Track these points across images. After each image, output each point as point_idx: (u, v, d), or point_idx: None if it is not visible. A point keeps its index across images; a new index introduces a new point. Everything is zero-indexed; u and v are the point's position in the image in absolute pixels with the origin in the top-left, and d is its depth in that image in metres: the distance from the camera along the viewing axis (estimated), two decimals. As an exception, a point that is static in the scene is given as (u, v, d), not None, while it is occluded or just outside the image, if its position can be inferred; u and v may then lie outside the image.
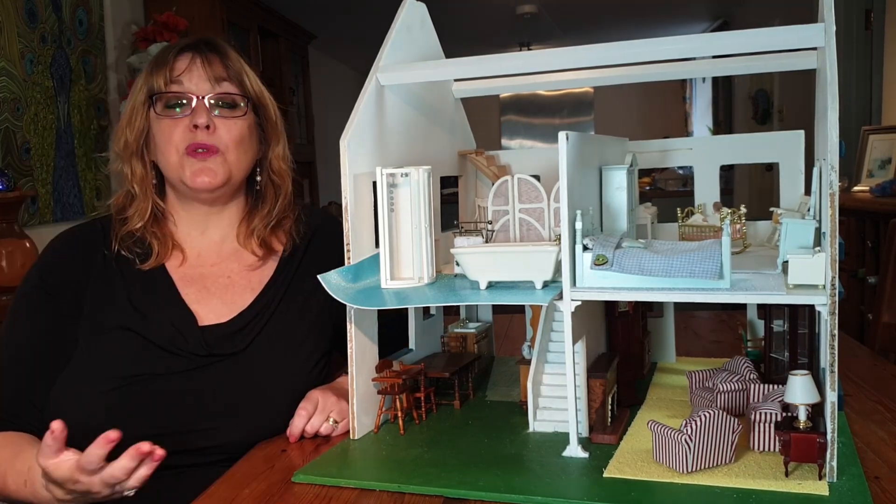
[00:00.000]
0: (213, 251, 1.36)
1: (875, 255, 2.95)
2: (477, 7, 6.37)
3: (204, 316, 1.28)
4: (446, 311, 1.45)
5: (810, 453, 0.90)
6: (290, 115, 5.38)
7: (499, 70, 1.25)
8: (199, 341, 1.25)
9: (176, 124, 1.27)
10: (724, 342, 1.68)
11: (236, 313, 1.30)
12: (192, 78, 1.28)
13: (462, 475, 0.98)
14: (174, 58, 1.30)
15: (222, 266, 1.35)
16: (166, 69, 1.28)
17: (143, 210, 1.31)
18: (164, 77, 1.28)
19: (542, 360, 1.13)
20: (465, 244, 1.18)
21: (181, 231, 1.36)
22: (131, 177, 1.32)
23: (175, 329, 1.25)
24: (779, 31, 1.04)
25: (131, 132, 1.31)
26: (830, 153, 0.89)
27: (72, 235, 1.35)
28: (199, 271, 1.33)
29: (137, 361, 1.22)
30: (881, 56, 3.92)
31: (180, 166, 1.27)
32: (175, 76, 1.28)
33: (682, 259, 0.95)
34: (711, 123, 8.05)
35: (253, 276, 1.35)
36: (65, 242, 1.34)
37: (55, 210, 3.16)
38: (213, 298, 1.31)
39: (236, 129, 1.29)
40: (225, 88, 1.30)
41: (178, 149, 1.27)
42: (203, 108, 1.27)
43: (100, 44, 3.57)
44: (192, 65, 1.29)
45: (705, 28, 7.72)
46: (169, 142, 1.27)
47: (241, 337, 1.28)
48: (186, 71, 1.28)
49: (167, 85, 1.28)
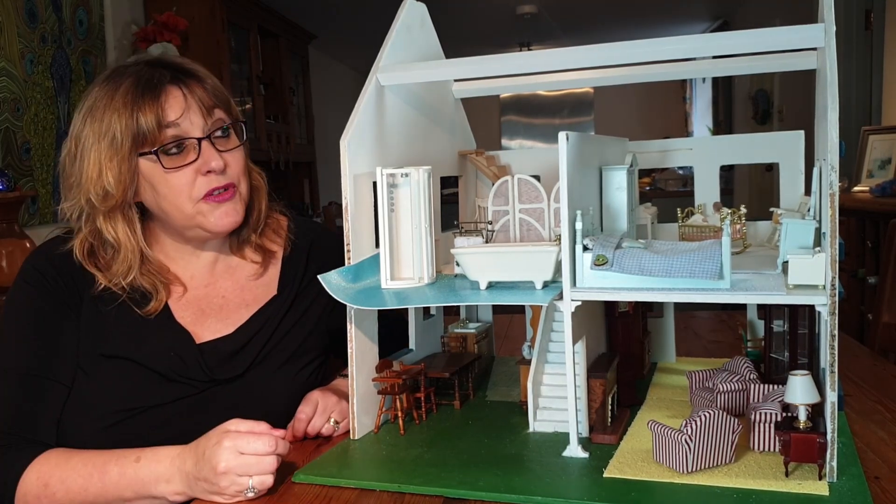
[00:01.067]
0: (206, 272, 1.29)
1: (875, 255, 2.95)
2: (477, 7, 6.37)
3: (200, 334, 1.24)
4: (446, 311, 1.46)
5: (810, 453, 0.90)
6: (290, 115, 5.38)
7: (499, 70, 1.25)
8: (199, 363, 1.21)
9: (184, 174, 1.16)
10: (724, 342, 1.68)
11: (233, 329, 1.25)
12: (189, 117, 1.16)
13: (462, 475, 0.98)
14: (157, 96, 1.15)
15: (216, 286, 1.29)
16: (155, 111, 1.14)
17: (129, 263, 1.20)
18: (154, 121, 1.14)
19: (542, 360, 1.13)
20: (465, 244, 1.18)
21: (173, 261, 1.27)
22: (112, 232, 1.19)
23: (173, 353, 1.20)
24: (779, 31, 1.04)
25: (119, 186, 1.16)
26: (830, 153, 0.89)
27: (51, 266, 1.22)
28: (193, 294, 1.27)
29: (137, 393, 1.18)
30: (881, 56, 3.92)
31: (197, 214, 1.18)
32: (170, 120, 1.15)
33: (682, 259, 0.95)
34: (711, 123, 8.05)
35: (247, 293, 1.30)
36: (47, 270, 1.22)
37: (55, 210, 3.16)
38: (208, 319, 1.26)
39: (241, 158, 1.23)
40: (217, 116, 1.20)
41: (194, 198, 1.17)
42: (210, 149, 1.17)
43: (100, 44, 3.57)
44: (176, 101, 1.16)
45: (705, 28, 7.71)
46: (181, 193, 1.16)
47: (241, 357, 1.24)
48: (176, 108, 1.15)
49: (161, 130, 1.14)
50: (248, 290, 1.30)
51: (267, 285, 1.32)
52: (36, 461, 1.09)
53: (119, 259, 1.20)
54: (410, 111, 1.30)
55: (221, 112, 1.21)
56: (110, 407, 1.17)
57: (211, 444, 0.98)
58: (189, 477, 1.00)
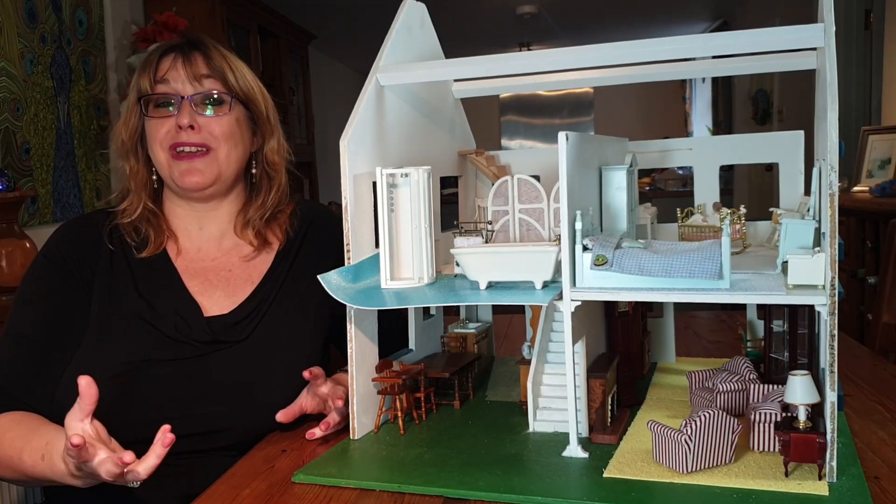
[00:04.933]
0: (213, 246, 1.38)
1: (875, 255, 2.95)
2: (477, 7, 6.37)
3: (208, 307, 1.31)
4: (446, 311, 1.46)
5: (810, 453, 0.90)
6: (290, 115, 5.38)
7: (499, 70, 1.25)
8: (205, 330, 1.28)
9: (162, 124, 1.31)
10: (724, 342, 1.68)
11: (237, 304, 1.32)
12: (177, 78, 1.31)
13: (462, 475, 0.98)
14: (158, 59, 1.33)
15: (223, 259, 1.38)
16: (151, 70, 1.32)
17: (135, 203, 1.35)
18: (149, 78, 1.31)
19: (542, 360, 1.13)
20: (465, 244, 1.18)
21: (179, 226, 1.39)
22: (128, 172, 1.36)
23: (181, 319, 1.28)
24: (779, 31, 1.04)
25: (126, 130, 1.35)
26: (830, 153, 0.89)
27: (76, 225, 1.39)
28: (200, 265, 1.36)
29: (145, 347, 1.25)
30: (881, 56, 3.92)
31: (168, 166, 1.31)
32: (160, 76, 1.31)
33: (682, 259, 0.95)
34: (711, 123, 8.06)
35: (251, 267, 1.37)
36: (71, 230, 1.37)
37: (55, 210, 3.16)
38: (215, 291, 1.34)
39: (224, 124, 1.32)
40: (207, 86, 1.32)
41: (164, 148, 1.30)
42: (187, 108, 1.30)
43: (100, 44, 3.57)
44: (174, 65, 1.31)
45: (705, 28, 7.72)
46: (155, 141, 1.31)
47: (243, 326, 1.30)
48: (170, 70, 1.31)
49: (153, 86, 1.31)
50: (253, 266, 1.38)
51: (268, 261, 1.39)
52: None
53: (131, 195, 1.36)
54: (410, 111, 1.30)
55: (216, 83, 1.32)
56: (117, 358, 1.23)
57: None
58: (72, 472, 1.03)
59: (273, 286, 1.36)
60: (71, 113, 3.31)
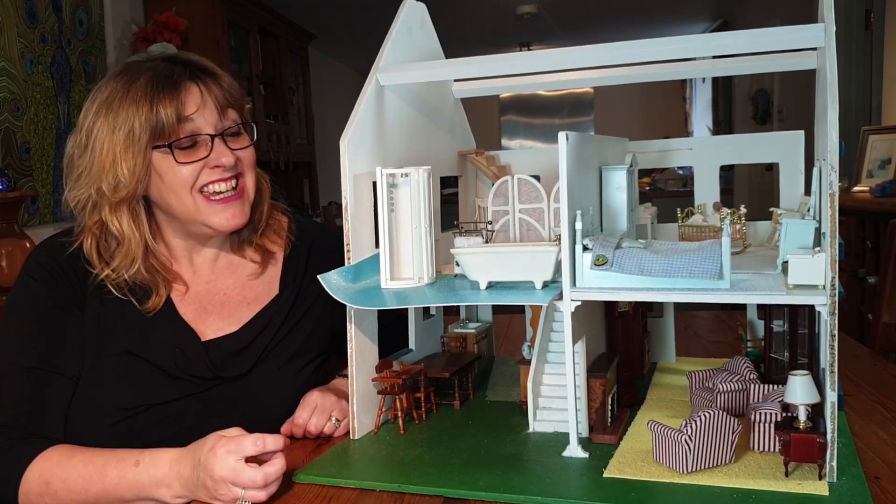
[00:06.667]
0: (207, 268, 1.30)
1: (875, 255, 2.95)
2: (477, 7, 6.37)
3: (204, 331, 1.25)
4: (446, 311, 1.46)
5: (810, 453, 0.90)
6: (290, 115, 5.38)
7: (499, 70, 1.25)
8: (204, 360, 1.22)
9: (191, 167, 1.18)
10: (724, 342, 1.68)
11: (237, 328, 1.26)
12: (204, 113, 1.18)
13: (462, 475, 0.98)
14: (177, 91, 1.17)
15: (217, 283, 1.30)
16: (175, 105, 1.16)
17: (133, 256, 1.20)
18: (174, 115, 1.15)
19: (542, 360, 1.13)
20: (465, 244, 1.18)
21: (176, 257, 1.28)
22: (117, 224, 1.19)
23: (178, 349, 1.21)
24: (779, 31, 1.04)
25: (130, 177, 1.17)
26: (830, 153, 0.89)
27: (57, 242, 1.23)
28: (195, 290, 1.28)
29: (142, 391, 1.18)
30: (881, 56, 3.92)
31: (198, 211, 1.19)
32: (187, 114, 1.17)
33: (682, 259, 0.95)
34: (711, 123, 8.06)
35: (248, 291, 1.31)
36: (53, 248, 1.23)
37: (55, 210, 3.16)
38: (210, 315, 1.27)
39: (250, 154, 1.24)
40: (230, 116, 1.22)
41: (193, 191, 1.19)
42: (222, 147, 1.19)
43: (100, 44, 3.57)
44: (198, 97, 1.18)
45: (705, 28, 7.72)
46: (184, 186, 1.18)
47: (246, 355, 1.25)
48: (197, 105, 1.18)
49: (180, 124, 1.16)
50: (250, 288, 1.31)
51: (268, 284, 1.32)
52: (39, 458, 1.09)
53: (122, 251, 1.20)
54: (410, 111, 1.30)
55: (235, 112, 1.23)
56: (114, 405, 1.17)
57: (206, 450, 0.97)
58: (188, 482, 0.99)
59: (278, 313, 1.29)
60: (71, 113, 3.31)
